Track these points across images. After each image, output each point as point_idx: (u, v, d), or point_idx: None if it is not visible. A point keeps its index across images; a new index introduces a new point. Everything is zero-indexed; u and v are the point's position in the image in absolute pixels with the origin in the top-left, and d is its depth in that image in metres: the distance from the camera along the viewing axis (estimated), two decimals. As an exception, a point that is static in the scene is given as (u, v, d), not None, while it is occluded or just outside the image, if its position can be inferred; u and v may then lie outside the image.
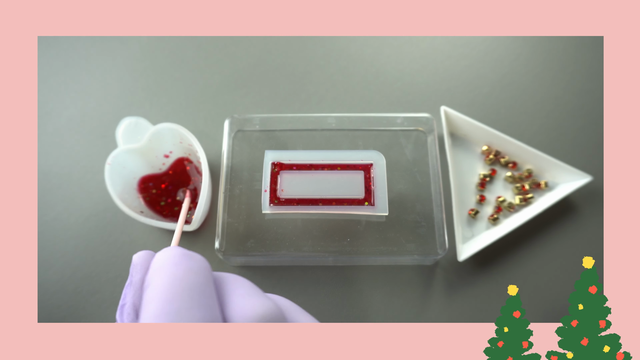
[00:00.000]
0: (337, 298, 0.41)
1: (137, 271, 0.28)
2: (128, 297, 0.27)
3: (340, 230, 0.41)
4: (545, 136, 0.47)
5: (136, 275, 0.27)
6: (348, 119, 0.45)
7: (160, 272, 0.26)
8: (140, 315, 0.26)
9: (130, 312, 0.26)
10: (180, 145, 0.44)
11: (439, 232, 0.40)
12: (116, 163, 0.41)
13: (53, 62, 0.51)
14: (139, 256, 0.28)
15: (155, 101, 0.49)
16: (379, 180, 0.39)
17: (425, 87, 0.50)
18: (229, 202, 0.41)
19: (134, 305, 0.26)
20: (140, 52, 0.52)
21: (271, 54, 0.51)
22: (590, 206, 0.44)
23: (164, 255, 0.28)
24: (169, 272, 0.26)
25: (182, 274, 0.26)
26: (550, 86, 0.50)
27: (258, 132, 0.45)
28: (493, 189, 0.45)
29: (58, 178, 0.46)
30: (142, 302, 0.26)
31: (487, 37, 0.52)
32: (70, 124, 0.48)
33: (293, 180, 0.39)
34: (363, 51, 0.51)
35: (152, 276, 0.27)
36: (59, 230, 0.44)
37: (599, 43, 0.51)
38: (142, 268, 0.28)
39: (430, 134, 0.44)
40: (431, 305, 0.41)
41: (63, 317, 0.41)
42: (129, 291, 0.27)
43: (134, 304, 0.26)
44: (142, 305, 0.26)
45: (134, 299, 0.27)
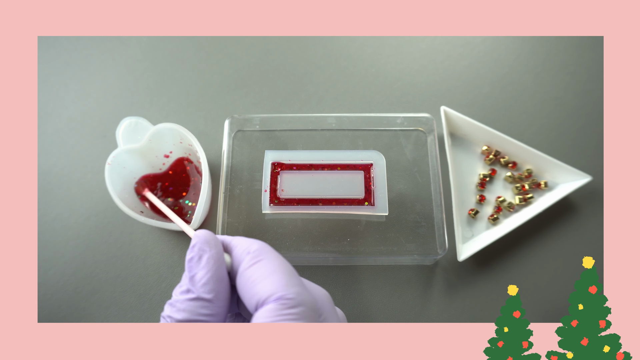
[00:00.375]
0: (337, 298, 0.41)
1: (212, 245, 0.29)
2: (199, 269, 0.28)
3: (340, 230, 0.41)
4: (545, 136, 0.47)
5: (211, 250, 0.29)
6: (348, 119, 0.45)
7: (266, 253, 0.29)
8: (263, 285, 0.27)
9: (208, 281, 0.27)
10: (180, 145, 0.44)
11: (438, 232, 0.40)
12: (116, 163, 0.41)
13: (53, 62, 0.51)
14: (208, 233, 0.30)
15: (155, 101, 0.49)
16: (379, 180, 0.39)
17: (425, 87, 0.50)
18: (229, 202, 0.41)
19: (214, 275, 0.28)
20: (140, 52, 0.52)
21: (271, 54, 0.51)
22: (590, 206, 0.44)
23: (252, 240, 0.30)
24: (275, 255, 0.29)
25: (282, 258, 0.29)
26: (550, 86, 0.50)
27: (258, 132, 0.45)
28: (493, 189, 0.45)
29: (58, 178, 0.46)
30: (251, 275, 0.27)
31: (487, 37, 0.52)
32: (70, 124, 0.48)
33: (293, 180, 0.39)
34: (363, 51, 0.51)
35: (259, 255, 0.28)
36: (59, 230, 0.44)
37: (599, 43, 0.51)
38: (217, 244, 0.29)
39: (430, 134, 0.44)
40: (431, 305, 0.41)
41: (63, 317, 0.41)
42: (201, 263, 0.28)
43: (215, 274, 0.28)
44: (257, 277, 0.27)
45: (214, 270, 0.28)
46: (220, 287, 0.28)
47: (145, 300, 0.42)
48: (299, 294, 0.27)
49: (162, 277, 0.42)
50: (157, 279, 0.42)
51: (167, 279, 0.42)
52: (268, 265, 0.28)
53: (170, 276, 0.42)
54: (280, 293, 0.26)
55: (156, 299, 0.42)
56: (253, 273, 0.28)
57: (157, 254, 0.43)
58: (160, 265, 0.43)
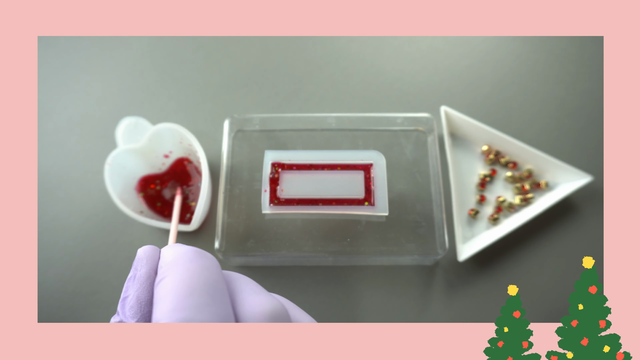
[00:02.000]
0: (337, 298, 0.41)
1: (142, 265, 0.27)
2: (131, 290, 0.27)
3: (340, 230, 0.41)
4: (546, 136, 0.47)
5: (141, 269, 0.27)
6: (348, 119, 0.45)
7: (174, 267, 0.26)
8: (155, 308, 0.25)
9: (133, 305, 0.26)
10: (180, 145, 0.44)
11: (439, 232, 0.40)
12: (116, 163, 0.41)
13: (53, 62, 0.51)
14: (145, 250, 0.28)
15: (155, 101, 0.49)
16: (379, 180, 0.39)
17: (425, 87, 0.50)
18: (229, 202, 0.41)
19: (138, 298, 0.26)
20: (140, 52, 0.52)
21: (271, 54, 0.51)
22: (590, 206, 0.44)
23: (176, 250, 0.27)
24: (185, 268, 0.26)
25: (198, 270, 0.26)
26: (551, 86, 0.49)
27: (258, 132, 0.45)
28: (493, 189, 0.45)
29: (58, 178, 0.46)
30: (155, 295, 0.26)
31: (487, 37, 0.52)
32: (70, 124, 0.48)
33: (293, 180, 0.39)
34: (363, 51, 0.51)
35: (166, 270, 0.26)
36: (59, 230, 0.44)
37: (599, 43, 0.51)
38: (147, 262, 0.28)
39: (430, 134, 0.44)
40: (431, 305, 0.41)
41: (63, 317, 0.41)
42: (133, 284, 0.27)
43: (139, 298, 0.26)
44: (156, 299, 0.26)
45: (139, 292, 0.26)
46: (146, 311, 0.26)
47: (145, 300, 0.42)
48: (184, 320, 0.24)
49: (162, 277, 0.42)
50: (157, 279, 0.42)
51: (167, 279, 0.42)
52: (168, 284, 0.26)
53: (170, 276, 0.42)
54: (165, 320, 0.24)
55: (156, 299, 0.42)
56: (157, 292, 0.26)
57: (157, 254, 0.43)
58: (160, 265, 0.43)
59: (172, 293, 0.25)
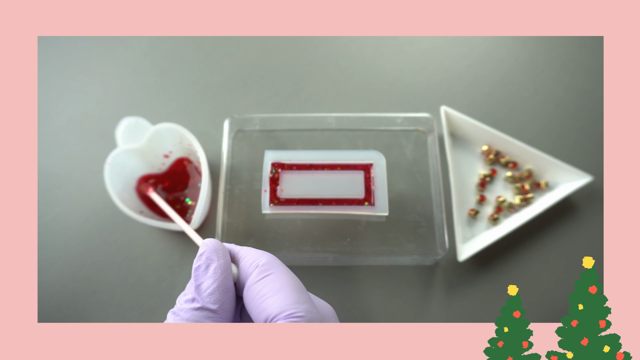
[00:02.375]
0: (337, 298, 0.41)
1: (220, 255, 0.29)
2: (204, 278, 0.28)
3: (340, 230, 0.41)
4: (546, 136, 0.47)
5: (220, 259, 0.28)
6: (348, 119, 0.45)
7: (275, 266, 0.28)
8: (271, 300, 0.26)
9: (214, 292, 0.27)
10: (180, 145, 0.44)
11: (439, 232, 0.40)
12: (116, 163, 0.41)
13: (53, 62, 0.51)
14: (217, 242, 0.29)
15: (155, 101, 0.49)
16: (379, 180, 0.39)
17: (425, 87, 0.50)
18: (229, 202, 0.41)
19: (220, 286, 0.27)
20: (140, 52, 0.52)
21: (271, 54, 0.51)
22: (590, 206, 0.44)
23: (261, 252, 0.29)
24: (284, 268, 0.29)
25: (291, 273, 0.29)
26: (551, 86, 0.49)
27: (258, 132, 0.45)
28: (493, 189, 0.45)
29: (58, 178, 0.46)
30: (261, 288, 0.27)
31: (487, 37, 0.52)
32: (70, 124, 0.48)
33: (293, 180, 0.39)
34: (363, 51, 0.51)
35: (268, 268, 0.28)
36: (59, 230, 0.44)
37: (599, 43, 0.51)
38: (225, 254, 0.29)
39: (430, 134, 0.44)
40: (431, 305, 0.41)
41: (63, 317, 0.41)
42: (209, 273, 0.28)
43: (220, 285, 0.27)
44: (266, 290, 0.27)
45: (221, 280, 0.28)
46: (226, 298, 0.28)
47: (145, 301, 0.42)
48: (308, 312, 0.26)
49: (162, 277, 0.42)
50: (157, 279, 0.42)
51: (167, 279, 0.42)
52: (277, 280, 0.27)
53: (170, 276, 0.42)
54: (290, 311, 0.26)
55: (156, 299, 0.42)
56: (262, 287, 0.27)
57: (156, 254, 0.43)
58: (160, 266, 0.43)
59: (287, 287, 0.27)
